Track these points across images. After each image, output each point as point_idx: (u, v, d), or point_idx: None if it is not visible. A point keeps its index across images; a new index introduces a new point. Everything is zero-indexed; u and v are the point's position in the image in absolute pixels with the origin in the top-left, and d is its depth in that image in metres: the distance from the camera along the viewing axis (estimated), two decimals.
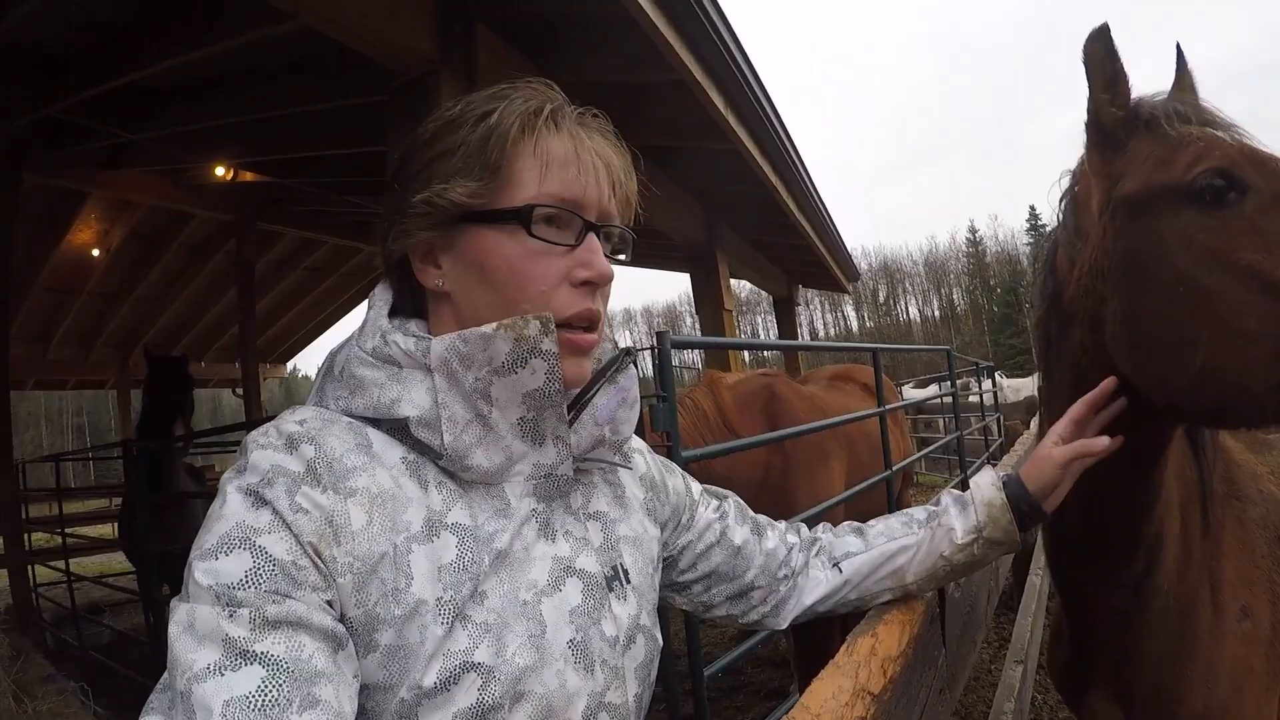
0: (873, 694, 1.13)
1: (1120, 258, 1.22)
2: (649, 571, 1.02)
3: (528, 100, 0.88)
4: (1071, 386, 1.36)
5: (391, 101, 3.54)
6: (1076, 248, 1.35)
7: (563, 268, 0.86)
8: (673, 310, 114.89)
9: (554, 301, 0.85)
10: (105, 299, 11.07)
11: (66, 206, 7.58)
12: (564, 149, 0.87)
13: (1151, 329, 1.18)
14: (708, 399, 3.74)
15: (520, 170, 0.85)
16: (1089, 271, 1.29)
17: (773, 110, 5.12)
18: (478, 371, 0.82)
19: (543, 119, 0.87)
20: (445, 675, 0.73)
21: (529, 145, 0.86)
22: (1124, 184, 1.23)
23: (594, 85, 3.89)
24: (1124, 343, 1.22)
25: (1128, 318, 1.21)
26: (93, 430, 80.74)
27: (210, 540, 0.69)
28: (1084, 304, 1.31)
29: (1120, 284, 1.22)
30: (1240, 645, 1.43)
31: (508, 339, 0.81)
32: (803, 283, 12.12)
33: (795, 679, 4.77)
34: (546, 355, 0.82)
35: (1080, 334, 1.33)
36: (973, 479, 1.33)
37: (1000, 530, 1.26)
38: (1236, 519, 1.53)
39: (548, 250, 0.85)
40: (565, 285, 0.86)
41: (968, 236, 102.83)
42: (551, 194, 0.85)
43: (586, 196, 0.87)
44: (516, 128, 0.85)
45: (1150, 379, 1.21)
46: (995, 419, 9.20)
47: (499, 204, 0.85)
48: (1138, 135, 1.25)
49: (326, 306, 13.58)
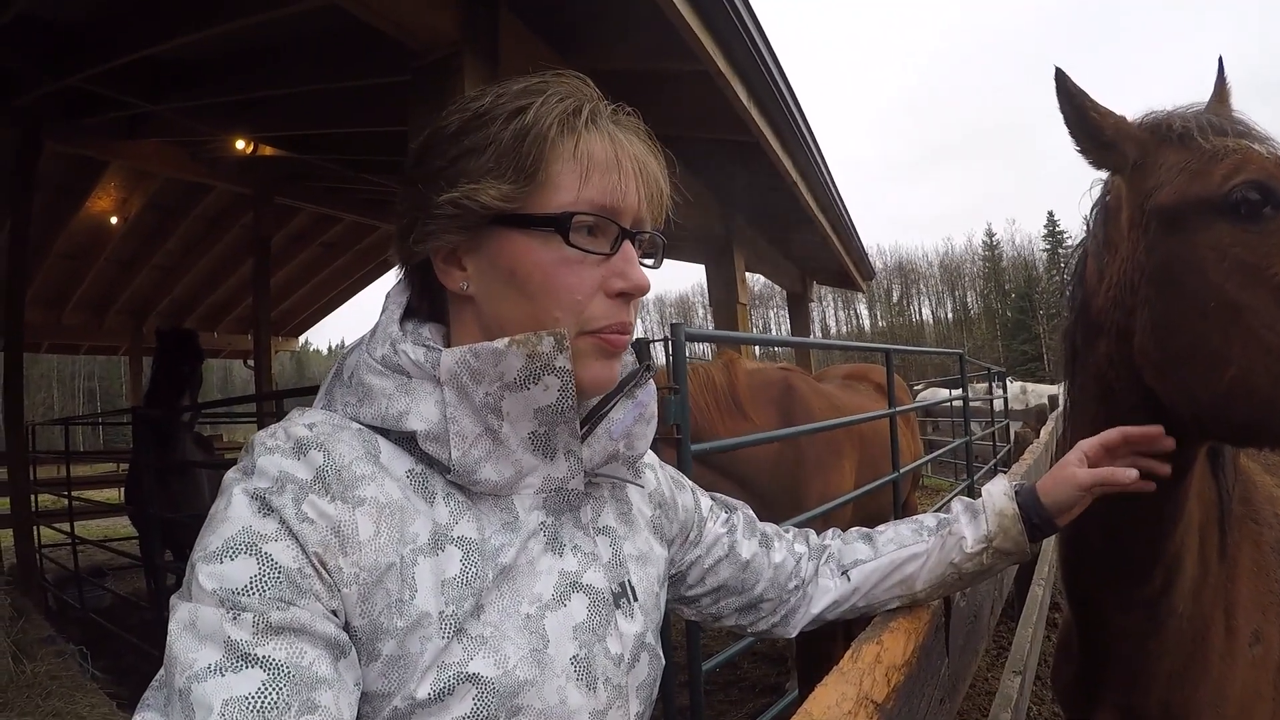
0: (876, 703, 1.12)
1: (1151, 270, 1.21)
2: (655, 590, 1.01)
3: (564, 98, 0.84)
4: (1096, 398, 1.35)
5: (413, 82, 3.52)
6: (1105, 259, 1.33)
7: (598, 277, 0.84)
8: (685, 301, 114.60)
9: (587, 311, 0.83)
10: (121, 267, 11.12)
11: (86, 175, 7.61)
12: (605, 153, 0.84)
13: (1181, 343, 1.16)
14: (722, 375, 3.73)
15: (558, 174, 0.82)
16: (1118, 283, 1.27)
17: (796, 105, 5.09)
18: (489, 386, 0.80)
19: (583, 120, 0.84)
20: (440, 687, 0.73)
21: (568, 147, 0.82)
22: (1157, 195, 1.21)
23: (615, 73, 3.86)
24: (1152, 356, 1.21)
25: (1157, 331, 1.19)
26: (104, 395, 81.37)
27: (215, 543, 0.68)
28: (1112, 315, 1.29)
29: (1150, 296, 1.21)
30: (1250, 670, 1.42)
31: (520, 355, 0.79)
32: (818, 279, 12.05)
33: (792, 676, 4.78)
34: (560, 372, 0.80)
35: (1107, 345, 1.31)
36: (985, 487, 1.32)
37: (1011, 541, 1.25)
38: (1253, 541, 1.51)
39: (583, 259, 0.83)
40: (600, 295, 0.84)
41: (984, 240, 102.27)
42: (591, 201, 0.82)
43: (625, 203, 0.84)
44: (556, 128, 0.82)
45: (1178, 394, 1.19)
46: (1004, 425, 9.16)
47: (534, 209, 0.82)
48: (1169, 146, 1.23)
49: (341, 282, 13.63)
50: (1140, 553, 1.37)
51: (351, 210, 9.87)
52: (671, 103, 4.60)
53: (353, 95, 5.06)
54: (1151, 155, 1.26)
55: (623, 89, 0.92)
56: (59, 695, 3.92)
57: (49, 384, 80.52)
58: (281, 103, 5.48)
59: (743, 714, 4.54)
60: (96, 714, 3.77)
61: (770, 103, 4.67)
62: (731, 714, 4.59)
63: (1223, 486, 1.44)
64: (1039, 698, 4.32)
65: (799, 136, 5.37)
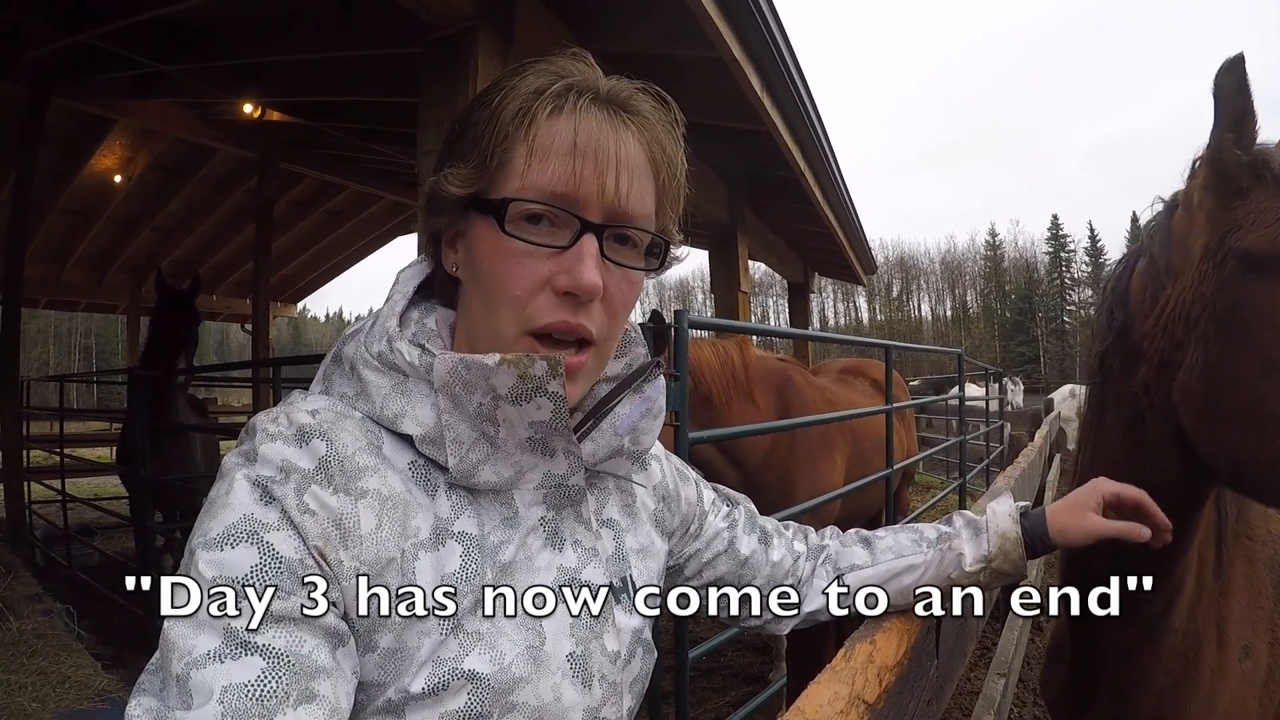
0: (867, 703, 1.13)
1: (1218, 309, 1.14)
2: (654, 584, 1.00)
3: (538, 77, 0.80)
4: (1126, 425, 1.31)
5: (426, 55, 3.48)
6: (1162, 284, 1.26)
7: (545, 272, 0.78)
8: (685, 285, 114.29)
9: (529, 308, 0.78)
10: (123, 225, 11.08)
11: (92, 132, 7.59)
12: (560, 135, 0.78)
13: (1235, 394, 1.11)
14: (737, 353, 3.79)
15: (513, 158, 0.78)
16: (1172, 312, 1.21)
17: (809, 97, 5.07)
18: (481, 397, 0.77)
19: (542, 99, 0.78)
20: (435, 682, 0.72)
21: (522, 130, 0.78)
22: (1243, 235, 1.13)
23: (630, 57, 3.83)
24: (1197, 398, 1.16)
25: (1209, 374, 1.14)
26: (99, 353, 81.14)
27: (216, 529, 0.67)
28: (1158, 343, 1.23)
29: (1210, 335, 1.14)
30: (1239, 684, 1.42)
31: (511, 374, 0.76)
32: (820, 271, 12.05)
33: (775, 666, 4.81)
34: (553, 397, 0.77)
35: (1147, 373, 1.26)
36: (990, 505, 1.31)
37: (1010, 563, 1.25)
38: (1246, 557, 1.51)
39: (531, 251, 0.77)
40: (547, 292, 0.78)
41: (987, 239, 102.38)
42: (539, 187, 0.77)
43: (582, 191, 0.78)
44: (513, 109, 0.78)
45: (1216, 445, 1.15)
46: (1000, 426, 9.18)
47: (489, 194, 0.79)
48: (1264, 188, 1.15)
49: (342, 251, 13.60)
50: (1151, 576, 1.34)
51: (356, 179, 9.85)
52: (684, 89, 4.54)
53: (364, 64, 5.02)
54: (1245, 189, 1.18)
55: (637, 74, 0.88)
56: (44, 654, 3.94)
57: (46, 340, 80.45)
58: (291, 68, 5.44)
59: (725, 701, 4.57)
60: (81, 674, 3.79)
61: (783, 92, 4.64)
62: (714, 701, 4.62)
63: (1221, 503, 1.44)
64: (1020, 700, 4.35)
65: (809, 127, 5.34)
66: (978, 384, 11.66)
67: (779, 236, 9.55)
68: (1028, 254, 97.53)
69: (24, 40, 5.39)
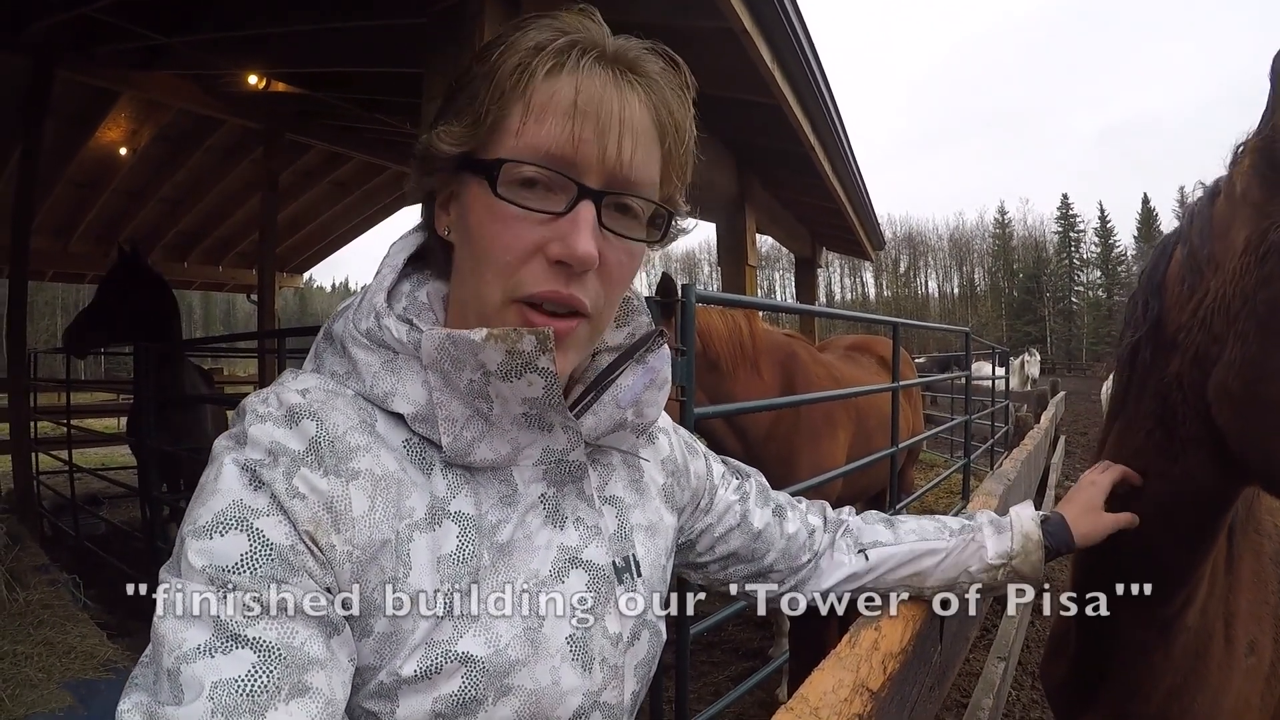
0: (872, 690, 1.12)
1: (1261, 304, 1.08)
2: (662, 563, 0.98)
3: (540, 32, 0.75)
4: (1155, 419, 1.28)
5: (431, 25, 3.45)
6: (1201, 275, 1.21)
7: (537, 238, 0.74)
8: (691, 258, 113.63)
9: (517, 275, 0.75)
10: (130, 197, 11.01)
11: (98, 104, 7.53)
12: (559, 94, 0.73)
13: (1274, 392, 1.06)
14: (745, 323, 3.77)
15: (507, 117, 0.74)
16: (1211, 305, 1.16)
17: (820, 69, 5.00)
18: (471, 374, 0.75)
19: (542, 55, 0.74)
20: (427, 665, 0.71)
21: (520, 87, 0.74)
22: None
23: (640, 26, 3.76)
24: (1233, 394, 1.12)
25: (1247, 369, 1.09)
26: None
27: (205, 516, 0.66)
28: (1194, 336, 1.19)
29: (1250, 331, 1.09)
30: (1244, 680, 1.41)
31: (499, 349, 0.73)
32: (827, 245, 11.96)
33: (775, 641, 4.82)
34: (544, 373, 0.75)
35: (1179, 365, 1.22)
36: (1013, 509, 1.30)
37: (1029, 565, 1.24)
38: (1253, 552, 1.49)
39: (523, 216, 0.74)
40: (539, 259, 0.74)
41: (996, 217, 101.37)
42: (534, 148, 0.73)
43: (581, 154, 0.73)
44: (511, 64, 0.74)
45: (1251, 445, 1.12)
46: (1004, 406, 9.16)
47: (481, 154, 0.75)
48: None
49: (348, 221, 13.54)
50: (1173, 576, 1.33)
51: (362, 150, 9.77)
52: (692, 60, 4.49)
53: (369, 35, 4.96)
54: None
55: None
56: (50, 625, 3.96)
57: (53, 311, 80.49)
58: (297, 39, 5.38)
59: (725, 676, 4.60)
60: (87, 644, 3.80)
61: (793, 64, 4.57)
62: (714, 675, 4.63)
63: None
64: (1018, 683, 4.36)
65: (820, 100, 5.27)
66: (989, 362, 11.63)
67: (787, 210, 9.48)
68: (1037, 233, 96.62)
69: (29, 13, 5.35)
